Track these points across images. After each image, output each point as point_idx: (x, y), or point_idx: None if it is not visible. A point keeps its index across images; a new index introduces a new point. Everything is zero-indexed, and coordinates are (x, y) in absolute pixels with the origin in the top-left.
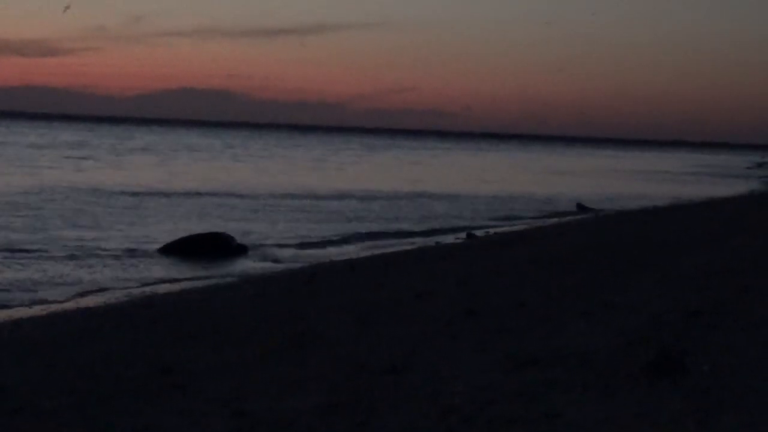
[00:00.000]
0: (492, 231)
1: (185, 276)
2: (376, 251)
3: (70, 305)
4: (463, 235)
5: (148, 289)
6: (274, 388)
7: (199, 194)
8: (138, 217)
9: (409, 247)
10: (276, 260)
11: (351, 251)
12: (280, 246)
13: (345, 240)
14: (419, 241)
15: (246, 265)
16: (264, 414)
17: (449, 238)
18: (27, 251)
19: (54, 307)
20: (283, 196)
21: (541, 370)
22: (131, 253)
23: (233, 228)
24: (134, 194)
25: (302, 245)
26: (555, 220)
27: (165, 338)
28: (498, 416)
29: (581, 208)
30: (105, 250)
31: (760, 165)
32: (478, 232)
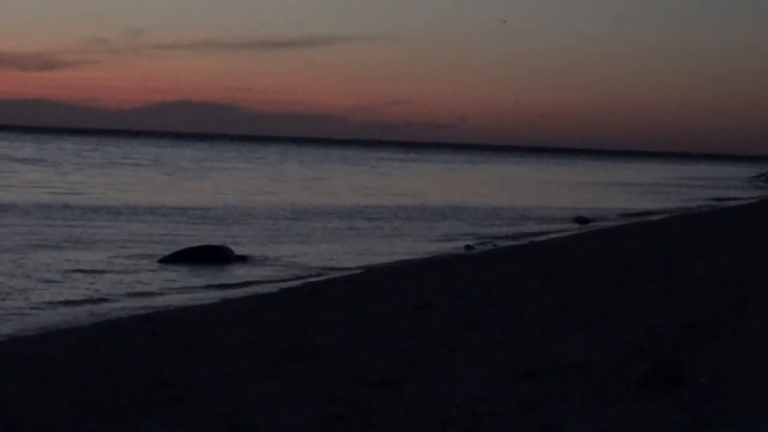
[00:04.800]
0: (490, 243)
1: (184, 288)
2: (375, 264)
3: (68, 318)
4: (461, 247)
5: (147, 302)
6: (273, 400)
7: (197, 208)
8: (136, 230)
9: (407, 260)
10: (274, 272)
11: (349, 264)
12: (279, 258)
13: (343, 253)
14: (417, 254)
15: (244, 277)
16: (262, 427)
17: (447, 251)
18: (23, 265)
19: (52, 321)
20: (282, 210)
21: (539, 381)
22: (130, 265)
23: (231, 240)
24: (132, 208)
25: (300, 258)
26: (554, 232)
27: (163, 351)
28: (496, 428)
29: (580, 220)
30: (104, 262)
31: (758, 177)
32: (477, 245)
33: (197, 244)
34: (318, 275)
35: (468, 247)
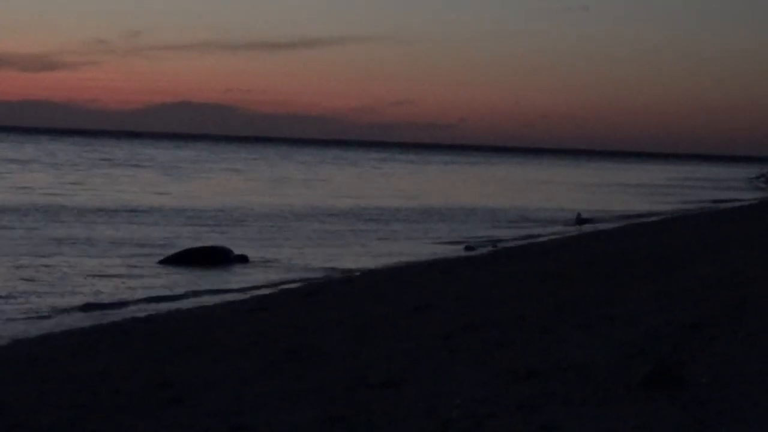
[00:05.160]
0: (491, 244)
1: (184, 289)
2: (375, 265)
3: (68, 319)
4: (461, 248)
5: (146, 303)
6: (273, 401)
7: (197, 209)
8: (136, 231)
9: (407, 261)
10: (275, 273)
11: (349, 265)
12: (279, 259)
13: (343, 254)
14: (417, 255)
15: (245, 278)
16: (262, 427)
17: (448, 252)
18: (23, 267)
19: (52, 322)
20: (282, 211)
21: (539, 382)
22: (130, 266)
23: (231, 242)
24: (132, 209)
25: (300, 259)
26: (554, 232)
27: (163, 352)
28: (497, 429)
29: (581, 221)
30: (103, 264)
31: (758, 177)
32: (477, 246)
33: (197, 245)
34: (318, 276)
35: (468, 248)
